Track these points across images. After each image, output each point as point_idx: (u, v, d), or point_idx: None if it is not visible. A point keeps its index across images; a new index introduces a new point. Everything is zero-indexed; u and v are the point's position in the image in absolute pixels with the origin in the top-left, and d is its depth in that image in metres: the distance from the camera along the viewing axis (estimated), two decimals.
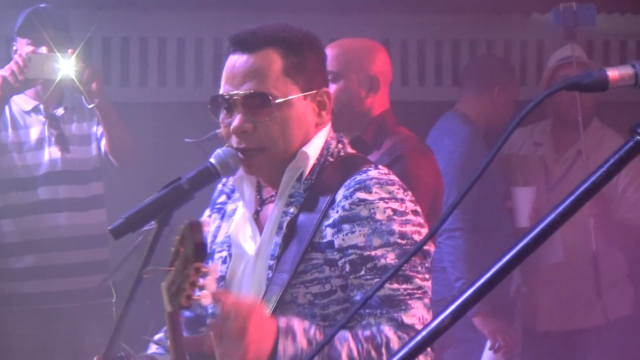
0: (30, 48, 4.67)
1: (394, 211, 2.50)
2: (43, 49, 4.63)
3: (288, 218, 2.56)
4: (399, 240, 2.49)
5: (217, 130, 3.73)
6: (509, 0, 5.98)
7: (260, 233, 2.65)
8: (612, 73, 1.60)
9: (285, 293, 2.52)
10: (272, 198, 2.66)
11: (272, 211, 2.63)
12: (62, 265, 4.77)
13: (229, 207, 2.80)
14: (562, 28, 5.04)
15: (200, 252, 2.25)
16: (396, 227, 2.49)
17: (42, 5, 4.77)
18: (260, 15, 5.61)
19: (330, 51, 3.87)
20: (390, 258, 2.47)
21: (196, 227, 2.25)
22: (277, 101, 2.55)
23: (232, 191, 2.81)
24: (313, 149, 2.61)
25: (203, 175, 2.60)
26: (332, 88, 3.82)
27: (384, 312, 2.47)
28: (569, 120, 5.07)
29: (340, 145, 2.66)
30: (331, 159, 2.62)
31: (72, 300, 4.78)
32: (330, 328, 2.50)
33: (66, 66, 4.54)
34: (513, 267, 1.49)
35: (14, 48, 4.81)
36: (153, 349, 2.78)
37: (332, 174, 2.57)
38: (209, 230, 2.68)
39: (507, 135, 1.54)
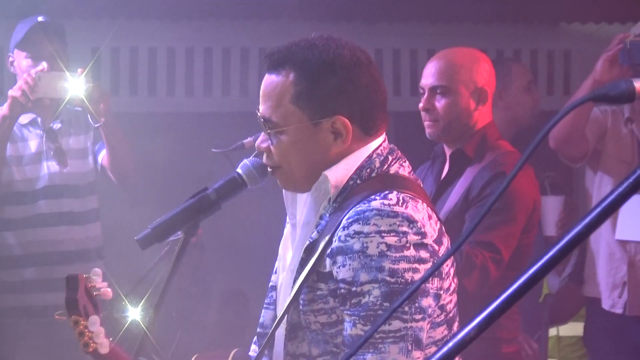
0: (29, 61, 4.67)
1: (389, 246, 2.38)
2: (43, 64, 4.61)
3: (307, 242, 2.52)
4: (387, 278, 2.38)
5: (244, 141, 3.75)
6: (537, 9, 5.96)
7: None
8: (639, 85, 1.60)
9: (299, 318, 2.51)
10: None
11: (299, 232, 2.60)
12: (61, 279, 4.75)
13: None
14: (630, 67, 4.58)
15: (69, 307, 2.37)
16: (387, 264, 2.38)
17: (40, 18, 4.74)
18: (285, 25, 5.66)
19: (436, 64, 3.88)
20: (375, 295, 2.38)
21: (69, 282, 2.34)
22: (275, 130, 2.52)
23: None
24: (338, 172, 2.52)
25: (230, 185, 2.61)
26: (442, 102, 3.82)
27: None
28: None
29: (379, 165, 2.55)
30: (359, 182, 2.52)
31: None
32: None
33: (75, 85, 4.52)
34: (539, 278, 1.49)
35: (10, 59, 4.80)
36: None
37: (351, 198, 2.49)
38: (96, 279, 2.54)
39: (532, 149, 1.54)
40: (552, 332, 5.46)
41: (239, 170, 2.62)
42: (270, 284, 2.77)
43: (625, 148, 4.89)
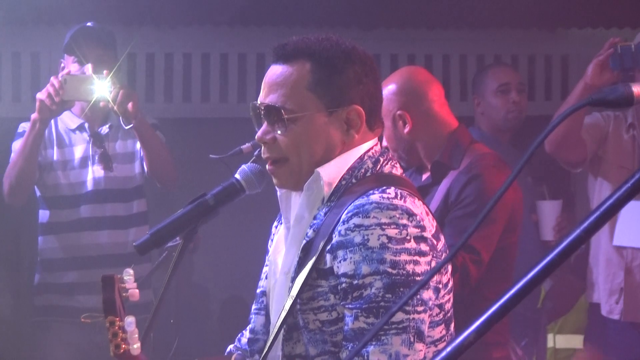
0: (76, 65, 4.73)
1: (390, 238, 2.40)
2: (88, 67, 4.66)
3: (304, 241, 2.52)
4: (389, 270, 2.39)
5: (242, 146, 3.76)
6: (534, 15, 5.97)
7: None
8: (637, 89, 1.60)
9: (295, 318, 2.51)
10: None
11: (292, 231, 2.60)
12: None
13: None
14: (620, 72, 4.60)
15: (107, 307, 2.31)
16: (388, 256, 2.39)
17: (89, 24, 4.82)
18: (283, 31, 5.67)
19: None
20: (377, 287, 2.39)
21: (105, 282, 2.31)
22: (289, 116, 2.52)
23: None
24: (331, 169, 2.54)
25: (228, 191, 2.61)
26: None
27: (355, 346, 2.41)
28: None
29: (372, 165, 2.57)
30: (355, 181, 2.54)
31: None
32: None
33: (101, 87, 4.57)
34: (538, 283, 1.49)
35: (62, 65, 4.86)
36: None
37: (348, 196, 2.49)
38: (130, 281, 2.55)
39: (529, 154, 1.54)
40: (549, 343, 5.46)
41: (237, 176, 2.62)
42: (259, 289, 2.77)
43: (626, 154, 4.88)
